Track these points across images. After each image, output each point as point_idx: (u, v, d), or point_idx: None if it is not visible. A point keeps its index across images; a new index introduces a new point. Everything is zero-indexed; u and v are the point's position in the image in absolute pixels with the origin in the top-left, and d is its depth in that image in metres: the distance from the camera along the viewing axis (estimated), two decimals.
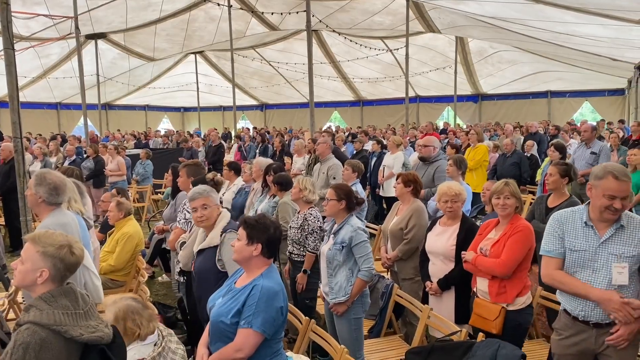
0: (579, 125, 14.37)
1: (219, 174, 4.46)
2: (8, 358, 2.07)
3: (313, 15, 13.00)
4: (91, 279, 3.69)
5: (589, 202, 3.00)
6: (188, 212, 4.64)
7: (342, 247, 3.89)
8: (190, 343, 4.45)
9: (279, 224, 2.97)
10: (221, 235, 3.67)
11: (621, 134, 11.79)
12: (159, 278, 7.35)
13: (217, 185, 4.20)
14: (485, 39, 19.50)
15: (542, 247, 3.12)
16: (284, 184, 5.50)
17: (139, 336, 3.00)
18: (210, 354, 2.83)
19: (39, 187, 3.36)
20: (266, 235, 2.82)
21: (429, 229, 4.48)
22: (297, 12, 16.24)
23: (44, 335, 2.09)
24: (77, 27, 14.01)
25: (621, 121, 16.38)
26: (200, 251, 3.76)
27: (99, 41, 20.17)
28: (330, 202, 4.00)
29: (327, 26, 18.67)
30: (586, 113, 24.47)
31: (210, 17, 19.83)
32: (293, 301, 4.80)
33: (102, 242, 6.04)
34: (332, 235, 4.02)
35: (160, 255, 7.10)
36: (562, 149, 7.24)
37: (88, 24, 17.90)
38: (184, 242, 4.22)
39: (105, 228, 6.27)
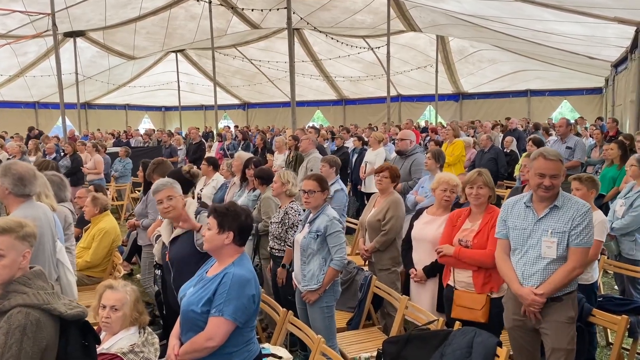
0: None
1: (195, 167, 4.41)
2: (2, 343, 2.06)
3: (294, 13, 12.97)
4: (65, 275, 3.62)
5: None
6: None
7: (317, 235, 3.89)
8: (166, 338, 4.39)
9: (250, 212, 2.95)
10: (195, 218, 3.64)
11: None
12: (137, 275, 7.24)
13: (193, 178, 4.16)
14: (465, 37, 19.65)
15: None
16: (266, 178, 5.45)
17: (141, 323, 3.12)
18: (182, 344, 2.80)
19: (4, 178, 3.27)
20: (237, 223, 2.79)
21: (415, 217, 4.49)
22: (278, 9, 16.18)
23: (37, 315, 2.12)
24: (54, 24, 13.76)
25: (600, 118, 16.62)
26: (173, 240, 3.70)
27: (78, 39, 19.87)
28: (316, 194, 3.97)
29: (307, 23, 18.65)
30: (565, 112, 24.82)
31: (191, 15, 19.68)
32: (274, 297, 4.77)
33: (78, 238, 5.94)
34: (308, 224, 4.01)
35: (138, 252, 7.02)
36: (540, 144, 7.33)
37: (66, 22, 17.63)
38: (160, 235, 4.16)
39: (81, 223, 6.18)
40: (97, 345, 2.47)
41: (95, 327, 3.16)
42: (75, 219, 4.42)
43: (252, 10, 16.99)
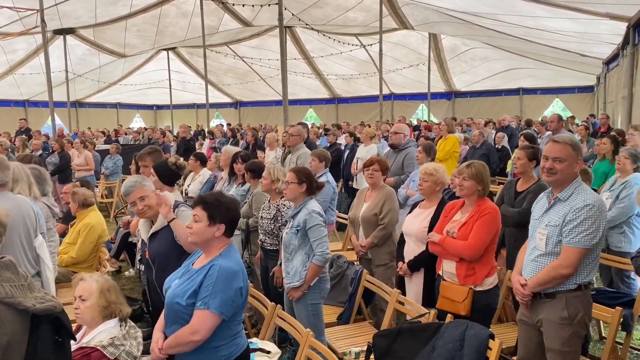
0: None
1: (181, 158, 4.32)
2: None
3: (285, 9, 12.90)
4: (44, 271, 3.52)
5: None
6: None
7: (297, 230, 3.80)
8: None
9: (238, 201, 2.86)
10: (173, 212, 3.51)
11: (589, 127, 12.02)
12: (126, 273, 7.16)
13: (179, 169, 4.06)
14: (458, 35, 19.65)
15: None
16: (257, 171, 5.33)
17: (119, 314, 2.96)
18: (166, 338, 2.71)
19: None
20: (229, 215, 2.71)
21: (410, 211, 4.45)
22: (269, 5, 16.07)
23: None
24: (42, 20, 13.63)
25: (592, 115, 16.70)
26: (152, 236, 3.56)
27: (68, 37, 19.72)
28: (290, 185, 3.90)
29: (299, 20, 18.58)
30: (557, 110, 24.88)
31: (182, 13, 19.57)
32: (263, 290, 4.68)
33: (64, 234, 5.84)
34: (291, 219, 3.94)
35: (127, 249, 6.92)
36: (532, 139, 7.31)
37: (56, 19, 17.47)
38: None
39: (68, 219, 6.08)
40: (72, 342, 2.35)
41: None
42: (55, 214, 4.31)
43: (244, 5, 16.86)
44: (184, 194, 6.56)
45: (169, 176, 4.06)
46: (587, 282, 3.07)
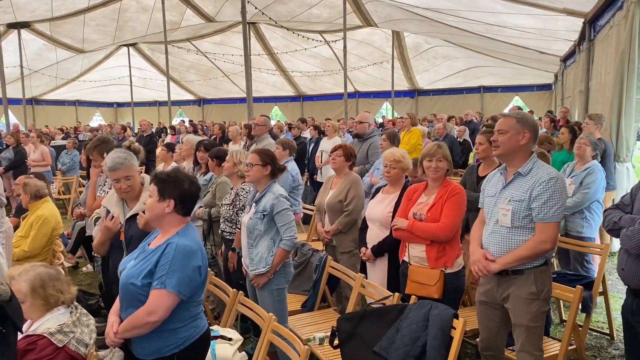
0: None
1: (136, 142, 4.16)
2: None
3: (248, 2, 12.73)
4: None
5: None
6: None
7: (264, 215, 3.69)
8: None
9: (195, 179, 2.75)
10: None
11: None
12: (83, 268, 6.93)
13: (135, 154, 3.92)
14: (421, 33, 19.81)
15: None
16: (223, 157, 5.22)
17: (63, 303, 2.74)
18: (122, 321, 2.59)
19: None
20: (179, 191, 2.60)
21: (372, 196, 4.41)
22: None
23: None
24: None
25: (550, 112, 17.09)
26: (130, 218, 3.40)
27: (22, 31, 19.05)
28: (254, 167, 3.78)
29: (263, 13, 18.41)
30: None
31: (143, 7, 19.11)
32: (226, 281, 4.57)
33: (17, 228, 5.58)
34: (254, 204, 3.82)
35: (84, 244, 6.68)
36: (493, 127, 7.38)
37: (9, 12, 16.86)
38: (99, 217, 3.90)
39: (20, 212, 5.81)
40: (19, 333, 2.19)
41: None
42: (2, 203, 4.10)
43: None
44: None
45: None
46: (550, 257, 3.14)
